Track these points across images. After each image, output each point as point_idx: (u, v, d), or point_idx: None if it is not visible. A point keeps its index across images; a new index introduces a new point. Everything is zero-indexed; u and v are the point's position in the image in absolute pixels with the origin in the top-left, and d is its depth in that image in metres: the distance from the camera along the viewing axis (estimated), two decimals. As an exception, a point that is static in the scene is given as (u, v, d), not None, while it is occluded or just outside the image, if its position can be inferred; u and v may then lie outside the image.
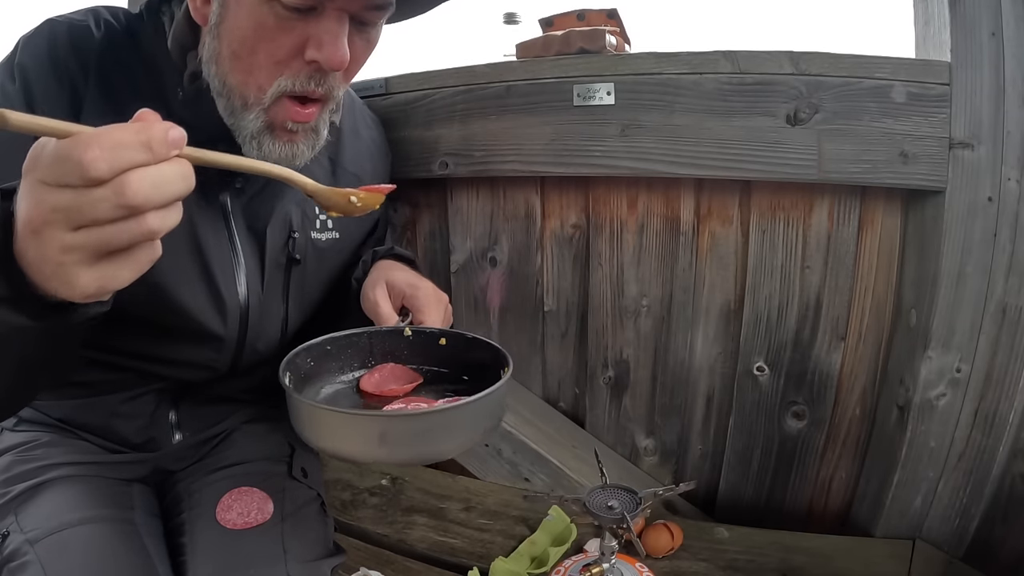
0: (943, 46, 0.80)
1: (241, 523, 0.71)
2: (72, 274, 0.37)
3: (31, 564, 0.61)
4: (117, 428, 0.75)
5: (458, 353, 0.67)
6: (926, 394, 0.85)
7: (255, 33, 0.57)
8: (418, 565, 0.87)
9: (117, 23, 0.67)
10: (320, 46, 0.57)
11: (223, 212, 0.70)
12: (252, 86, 0.59)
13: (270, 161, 0.61)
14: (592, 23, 0.98)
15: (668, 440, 1.08)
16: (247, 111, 0.61)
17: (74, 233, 0.36)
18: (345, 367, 0.66)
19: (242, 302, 0.72)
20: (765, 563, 0.85)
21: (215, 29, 0.59)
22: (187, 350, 0.72)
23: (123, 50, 0.65)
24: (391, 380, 0.65)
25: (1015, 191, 0.79)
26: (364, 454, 0.54)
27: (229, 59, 0.59)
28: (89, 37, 0.64)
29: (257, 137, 0.61)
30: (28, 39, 0.63)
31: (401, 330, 0.67)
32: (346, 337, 0.66)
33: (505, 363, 0.60)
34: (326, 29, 0.56)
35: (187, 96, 0.64)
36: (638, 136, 0.91)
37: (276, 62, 0.58)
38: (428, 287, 0.72)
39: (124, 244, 0.36)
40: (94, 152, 0.34)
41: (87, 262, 0.37)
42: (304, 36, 0.57)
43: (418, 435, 0.52)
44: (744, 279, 0.97)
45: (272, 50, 0.57)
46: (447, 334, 0.67)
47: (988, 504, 0.87)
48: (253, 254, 0.73)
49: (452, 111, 1.00)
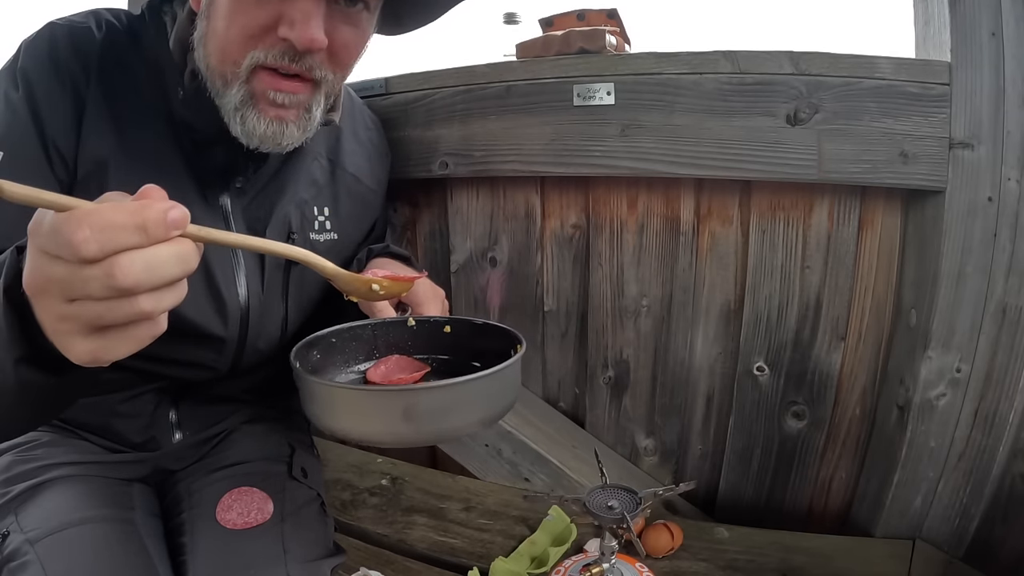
0: (943, 46, 0.80)
1: (241, 523, 0.70)
2: (67, 342, 0.37)
3: (31, 564, 0.61)
4: (117, 427, 0.75)
5: (463, 340, 0.66)
6: (926, 394, 0.85)
7: (232, 8, 0.57)
8: (418, 565, 0.87)
9: (119, 23, 0.67)
10: (292, 24, 0.56)
11: (223, 213, 0.71)
12: (228, 62, 0.59)
13: (256, 137, 0.61)
14: (592, 23, 0.98)
15: (668, 440, 1.08)
16: (228, 87, 0.60)
17: (68, 304, 0.35)
18: (350, 359, 0.66)
19: (242, 303, 0.72)
20: (765, 563, 0.85)
21: (205, 10, 0.60)
22: (188, 350, 0.72)
23: (125, 50, 0.65)
24: (397, 371, 0.65)
25: (1015, 191, 0.79)
26: (386, 433, 0.52)
27: (211, 37, 0.60)
28: (90, 38, 0.64)
29: (241, 109, 0.60)
30: (30, 43, 0.63)
31: (405, 320, 0.67)
32: (350, 329, 0.65)
33: (518, 341, 0.59)
34: (300, 8, 0.56)
35: (187, 94, 0.64)
36: (638, 136, 0.91)
37: (249, 36, 0.58)
38: (425, 282, 0.72)
39: (118, 322, 0.36)
40: (84, 233, 0.33)
41: (82, 333, 0.36)
42: (278, 13, 0.57)
43: (443, 409, 0.50)
44: (744, 279, 0.97)
45: (245, 23, 0.57)
46: (452, 321, 0.67)
47: (988, 504, 0.87)
48: (253, 255, 0.73)
49: (452, 111, 1.00)
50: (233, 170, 0.69)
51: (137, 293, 0.35)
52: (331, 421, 0.52)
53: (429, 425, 0.50)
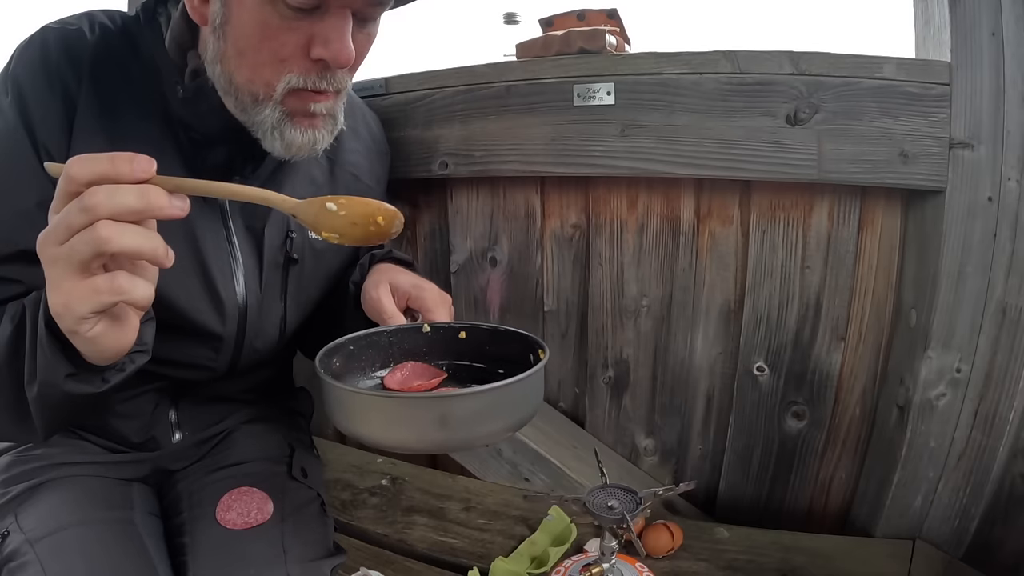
0: (943, 46, 0.80)
1: (241, 523, 0.70)
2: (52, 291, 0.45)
3: (31, 564, 0.61)
4: (117, 428, 0.75)
5: (479, 346, 0.66)
6: (926, 394, 0.85)
7: (260, 32, 0.57)
8: (418, 565, 0.87)
9: (113, 25, 0.67)
10: (327, 44, 0.57)
11: (221, 212, 0.71)
12: (259, 83, 0.59)
13: (294, 148, 0.63)
14: (592, 23, 0.98)
15: (668, 440, 1.08)
16: (260, 105, 0.61)
17: (58, 247, 0.43)
18: (367, 367, 0.66)
19: (240, 302, 0.72)
20: (765, 563, 0.85)
21: (220, 29, 0.59)
22: (186, 349, 0.72)
23: (119, 52, 0.65)
24: (415, 377, 0.65)
25: (1015, 191, 0.79)
26: (419, 440, 0.52)
27: (235, 57, 0.59)
28: (82, 41, 0.64)
29: (278, 127, 0.62)
30: (22, 50, 0.63)
31: (420, 327, 0.67)
32: (367, 336, 0.65)
33: (539, 346, 0.60)
34: (332, 27, 0.56)
35: (187, 93, 0.64)
36: (638, 136, 0.91)
37: (281, 60, 0.58)
38: (433, 288, 0.72)
39: (86, 255, 0.42)
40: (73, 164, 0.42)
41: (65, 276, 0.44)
42: (309, 34, 0.57)
43: (477, 416, 0.51)
44: (744, 279, 0.97)
45: (276, 48, 0.57)
46: (467, 327, 0.67)
47: (988, 504, 0.87)
48: (251, 254, 0.73)
49: (452, 111, 1.00)
50: (231, 169, 0.69)
51: (99, 216, 0.41)
52: (362, 429, 0.52)
53: (461, 432, 0.51)
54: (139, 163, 0.43)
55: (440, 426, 0.50)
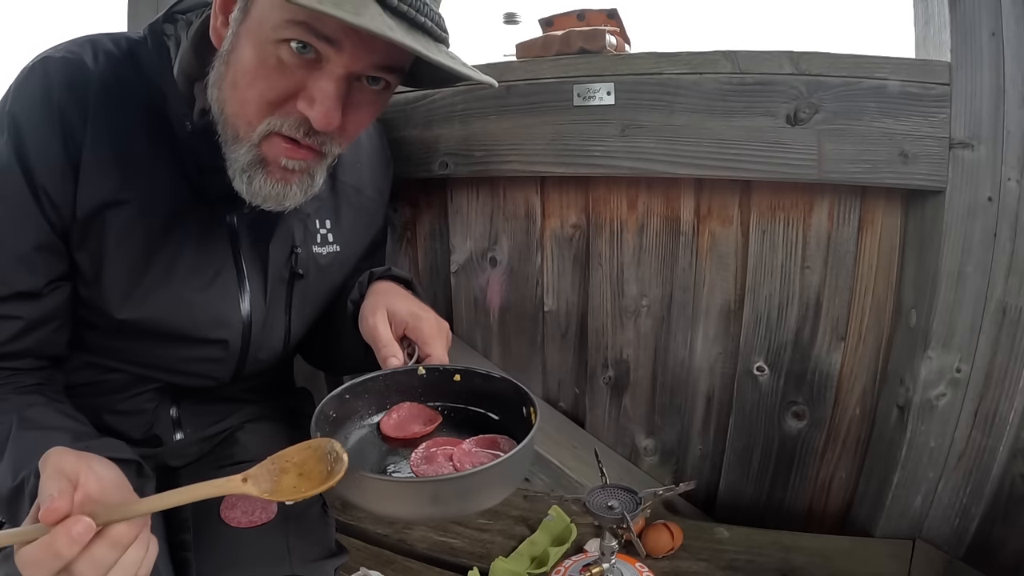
0: (943, 46, 0.80)
1: (246, 521, 0.71)
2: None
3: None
4: (118, 425, 0.76)
5: (473, 389, 0.66)
6: (926, 394, 0.86)
7: (255, 69, 0.56)
8: (418, 565, 0.87)
9: (118, 50, 0.65)
10: (311, 103, 0.55)
11: (230, 230, 0.70)
12: (242, 119, 0.58)
13: (259, 197, 0.61)
14: (592, 23, 0.98)
15: (668, 440, 1.08)
16: (238, 143, 0.60)
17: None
18: (363, 412, 0.66)
19: (245, 316, 0.73)
20: (765, 563, 0.85)
21: (225, 56, 0.58)
22: (190, 361, 0.73)
23: (125, 79, 0.63)
24: (411, 420, 0.64)
25: (1015, 191, 0.79)
26: (413, 515, 0.57)
27: (229, 88, 0.58)
28: (85, 72, 0.62)
29: (248, 171, 0.60)
30: (20, 84, 0.61)
31: (415, 370, 0.67)
32: (361, 383, 0.65)
33: (530, 403, 0.60)
34: (321, 87, 0.55)
35: (196, 129, 0.63)
36: (638, 136, 0.91)
37: (268, 102, 0.57)
38: (430, 318, 0.71)
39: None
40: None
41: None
42: (300, 85, 0.55)
43: (470, 492, 0.53)
44: (744, 279, 0.97)
45: (265, 90, 0.56)
46: (461, 371, 0.67)
47: (988, 504, 0.87)
48: (257, 270, 0.73)
49: (452, 111, 1.00)
50: (236, 194, 0.69)
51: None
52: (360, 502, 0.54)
53: (454, 507, 0.54)
54: (79, 534, 0.42)
55: (433, 503, 0.52)
